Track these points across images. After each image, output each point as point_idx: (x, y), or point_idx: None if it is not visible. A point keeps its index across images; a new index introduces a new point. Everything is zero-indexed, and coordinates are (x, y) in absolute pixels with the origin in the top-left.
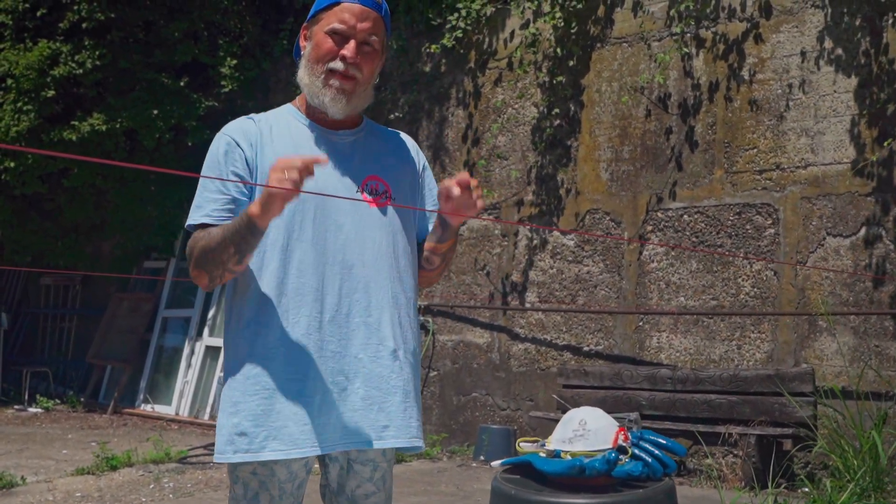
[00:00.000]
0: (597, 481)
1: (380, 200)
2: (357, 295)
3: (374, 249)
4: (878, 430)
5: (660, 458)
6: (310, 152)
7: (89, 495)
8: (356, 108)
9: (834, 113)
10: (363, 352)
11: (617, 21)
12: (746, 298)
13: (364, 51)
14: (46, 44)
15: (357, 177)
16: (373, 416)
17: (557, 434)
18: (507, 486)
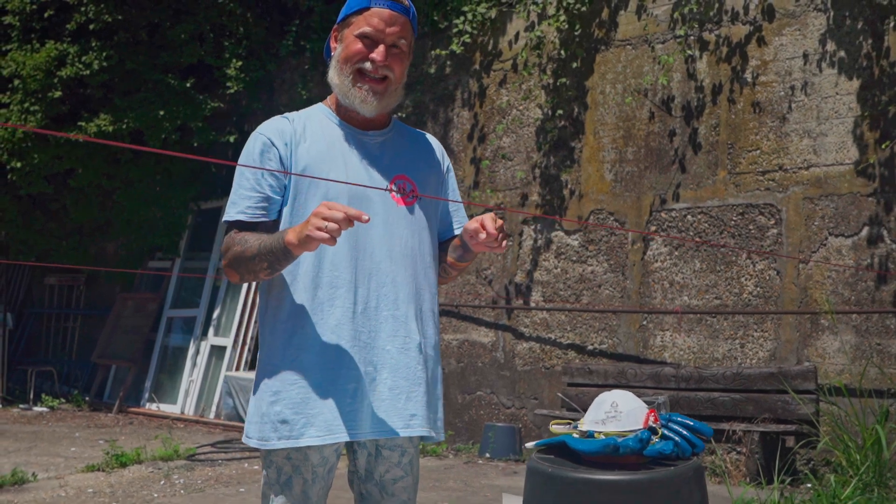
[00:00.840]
0: (629, 459)
1: (407, 199)
2: (385, 289)
3: (402, 246)
4: (882, 424)
5: (688, 438)
6: (340, 152)
7: (101, 491)
8: (387, 107)
9: (836, 115)
10: (391, 343)
11: (620, 24)
12: (749, 297)
13: (393, 53)
14: (53, 45)
15: (386, 176)
16: (400, 405)
17: (590, 416)
18: (543, 464)
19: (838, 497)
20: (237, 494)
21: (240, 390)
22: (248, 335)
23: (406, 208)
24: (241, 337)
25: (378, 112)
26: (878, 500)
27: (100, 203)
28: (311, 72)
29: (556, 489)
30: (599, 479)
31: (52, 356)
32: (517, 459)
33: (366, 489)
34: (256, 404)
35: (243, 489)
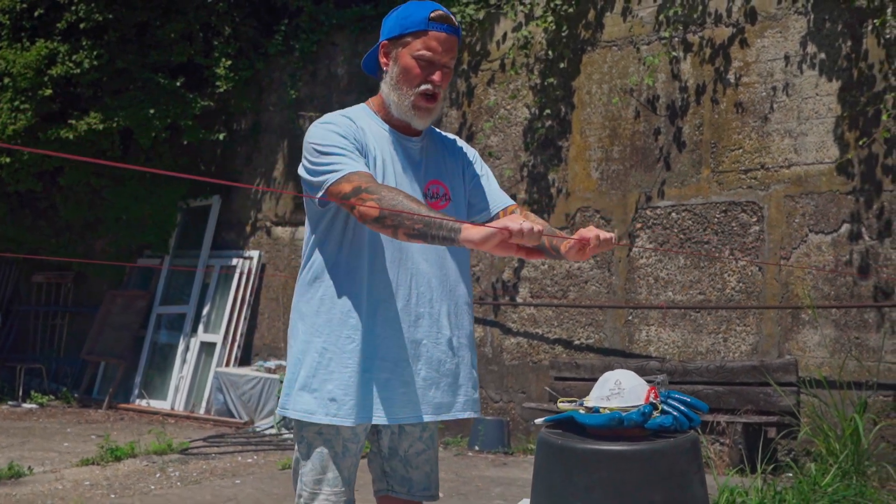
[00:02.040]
0: (632, 432)
1: (440, 203)
2: (422, 289)
3: (437, 249)
4: (860, 415)
5: (686, 413)
6: (390, 156)
7: (98, 484)
8: (434, 118)
9: (816, 115)
10: (426, 338)
11: (607, 25)
12: (732, 293)
13: (445, 73)
14: (44, 43)
15: (422, 180)
16: (430, 394)
17: (595, 393)
18: (553, 437)
19: (818, 484)
20: (234, 486)
21: (230, 386)
22: (238, 331)
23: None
24: (230, 333)
25: (426, 125)
26: (857, 488)
27: (89, 201)
28: (300, 71)
29: (565, 460)
30: (606, 450)
31: (41, 353)
32: (506, 452)
33: (390, 466)
34: (305, 380)
35: (238, 481)
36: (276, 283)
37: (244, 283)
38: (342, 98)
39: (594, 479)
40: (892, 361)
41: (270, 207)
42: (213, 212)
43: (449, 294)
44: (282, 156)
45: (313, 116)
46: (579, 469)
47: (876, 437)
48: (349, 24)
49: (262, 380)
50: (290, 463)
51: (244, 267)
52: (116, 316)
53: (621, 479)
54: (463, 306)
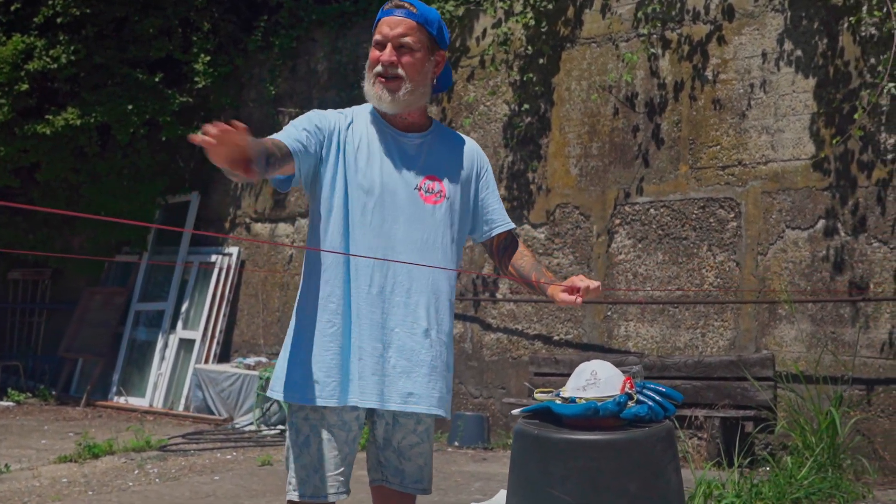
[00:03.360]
0: (608, 422)
1: (434, 198)
2: (400, 278)
3: (423, 240)
4: (836, 409)
5: (660, 402)
6: (381, 149)
7: (75, 481)
8: (408, 104)
9: (793, 112)
10: (399, 326)
11: (586, 22)
12: (710, 288)
13: (401, 52)
14: (20, 38)
15: (418, 175)
16: (401, 382)
17: (571, 383)
18: (530, 427)
19: (794, 477)
20: (212, 482)
21: (209, 383)
22: (217, 328)
23: (431, 206)
24: (209, 330)
25: (397, 110)
26: (833, 480)
27: (66, 197)
28: (280, 67)
29: (542, 449)
30: (582, 439)
31: (18, 351)
32: (485, 447)
33: (384, 456)
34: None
35: (217, 477)
36: (255, 280)
37: (223, 280)
38: (322, 94)
39: (570, 469)
40: (867, 356)
41: (250, 204)
42: (192, 208)
43: (430, 287)
44: None
45: (293, 112)
46: (555, 458)
47: (851, 430)
48: (329, 20)
49: (241, 377)
50: (269, 459)
51: (223, 263)
52: (94, 313)
53: (596, 468)
54: (444, 303)
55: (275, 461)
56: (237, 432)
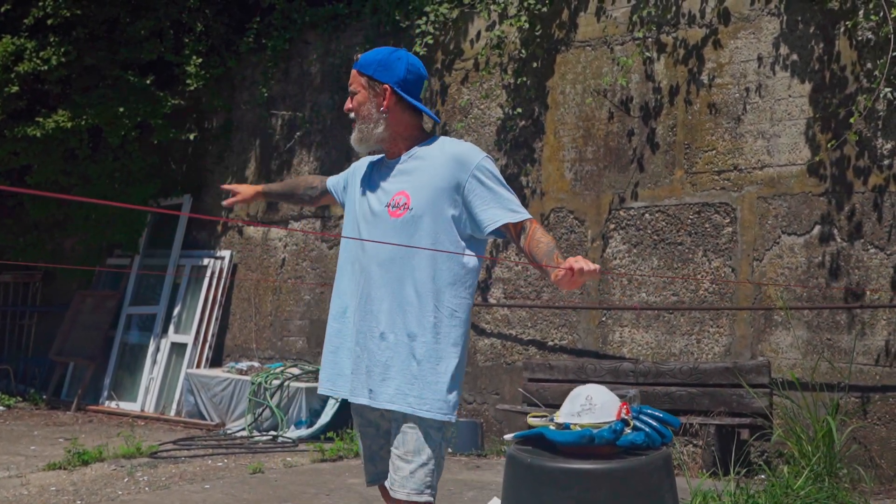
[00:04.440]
0: (603, 450)
1: (398, 211)
2: (368, 286)
3: (387, 251)
4: (832, 417)
5: (658, 429)
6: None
7: (64, 489)
8: (361, 140)
9: (789, 116)
10: (363, 331)
11: (581, 25)
12: (705, 294)
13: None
14: (10, 40)
15: (389, 193)
16: (363, 379)
17: (566, 409)
18: (522, 454)
19: (791, 487)
20: (202, 491)
21: (201, 387)
22: (209, 332)
23: (396, 220)
24: (201, 334)
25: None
26: (829, 490)
27: (57, 200)
28: (273, 69)
29: (535, 478)
30: (576, 469)
31: (8, 354)
32: (479, 454)
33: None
34: None
35: (208, 485)
36: (247, 284)
37: (215, 284)
38: (315, 96)
39: (563, 499)
40: (864, 363)
41: (242, 207)
42: (185, 211)
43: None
44: (254, 154)
45: (285, 115)
46: (548, 487)
47: (848, 438)
48: (322, 22)
49: (233, 381)
50: (260, 467)
51: (215, 267)
52: (86, 316)
53: (592, 498)
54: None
55: (266, 469)
56: (229, 438)
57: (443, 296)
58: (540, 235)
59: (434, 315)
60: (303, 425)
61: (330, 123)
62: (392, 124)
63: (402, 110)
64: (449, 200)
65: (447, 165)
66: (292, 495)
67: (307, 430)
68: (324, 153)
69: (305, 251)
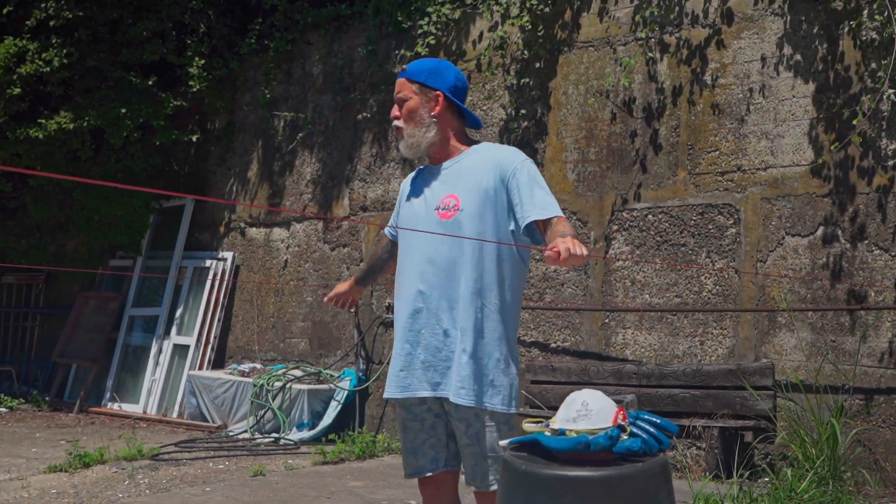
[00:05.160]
0: (599, 456)
1: (448, 213)
2: (424, 286)
3: (437, 251)
4: (836, 419)
5: (655, 435)
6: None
7: (64, 492)
8: (412, 146)
9: (793, 117)
10: (425, 328)
11: (583, 25)
12: (709, 296)
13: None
14: (13, 41)
15: (438, 196)
16: (429, 374)
17: (561, 414)
18: (517, 461)
19: (794, 490)
20: (203, 494)
21: (203, 389)
22: (212, 334)
23: (446, 221)
24: (203, 336)
25: (410, 152)
26: (833, 493)
27: (59, 201)
28: (275, 70)
29: (529, 485)
30: (571, 476)
31: (11, 356)
32: None
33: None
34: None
35: (209, 488)
36: (250, 285)
37: (218, 285)
38: (317, 98)
39: None
40: (868, 365)
41: (245, 208)
42: (187, 212)
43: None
44: (256, 156)
45: (288, 116)
46: (543, 495)
47: (852, 441)
48: (324, 23)
49: (235, 383)
50: (262, 469)
51: (218, 268)
52: (88, 317)
53: None
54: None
55: (267, 471)
56: (231, 440)
57: (489, 291)
58: (559, 224)
59: (486, 308)
60: (305, 427)
61: (332, 124)
62: (442, 129)
63: (451, 116)
64: (495, 202)
65: (492, 169)
66: (293, 498)
67: (309, 432)
68: (326, 154)
69: (308, 253)
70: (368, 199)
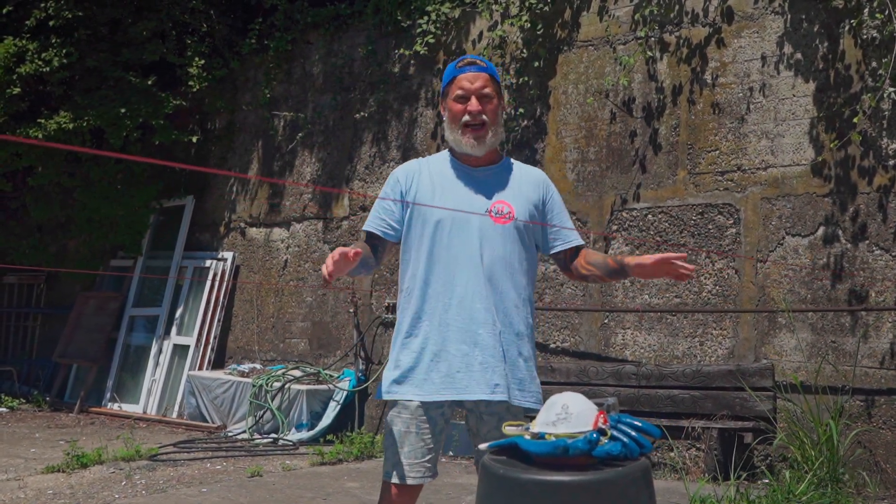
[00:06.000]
0: (579, 460)
1: (503, 219)
2: (478, 287)
3: (492, 255)
4: (835, 421)
5: (636, 439)
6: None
7: (61, 493)
8: (492, 145)
9: (793, 116)
10: (482, 328)
11: (583, 24)
12: (708, 296)
13: (483, 101)
14: (12, 41)
15: (488, 199)
16: (488, 376)
17: (541, 418)
18: (495, 465)
19: (793, 492)
20: (199, 494)
21: (203, 389)
22: (211, 334)
23: (501, 226)
24: (203, 336)
25: (484, 152)
26: (832, 495)
27: (60, 201)
28: (275, 70)
29: (508, 490)
30: (549, 480)
31: (12, 356)
32: None
33: (474, 444)
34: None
35: (205, 489)
36: (250, 286)
37: (218, 285)
38: (317, 97)
39: None
40: (869, 366)
41: (245, 208)
42: (187, 212)
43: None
44: (256, 156)
45: (288, 116)
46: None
47: (852, 442)
48: (324, 23)
49: (234, 383)
50: (259, 470)
51: (218, 268)
52: (89, 317)
53: None
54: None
55: (265, 472)
56: (229, 441)
57: (531, 301)
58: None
59: (529, 317)
60: (304, 428)
61: (332, 124)
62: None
63: None
64: (536, 217)
65: (535, 186)
66: (289, 499)
67: (308, 432)
68: (326, 154)
69: (307, 253)
70: (368, 198)
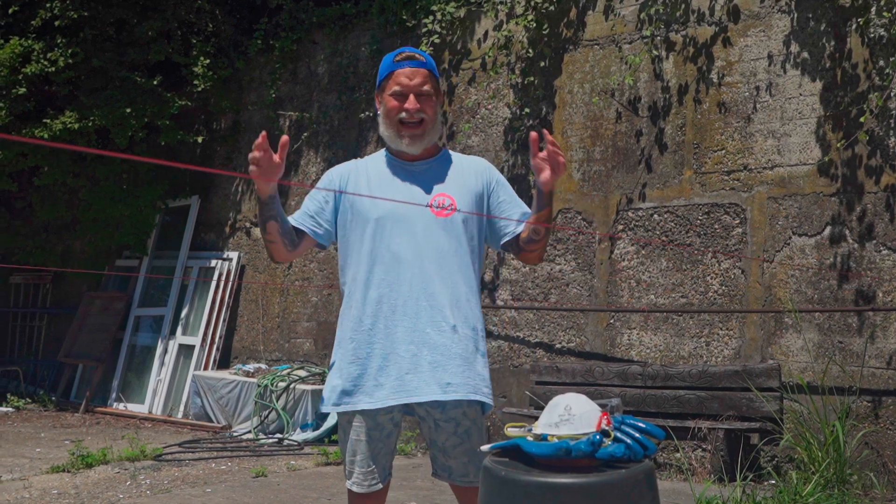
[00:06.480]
0: (581, 462)
1: (445, 211)
2: (424, 284)
3: (437, 249)
4: (842, 422)
5: (640, 440)
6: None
7: (66, 493)
8: (429, 142)
9: (799, 115)
10: (430, 327)
11: (588, 24)
12: (715, 296)
13: (421, 98)
14: (18, 41)
15: (427, 193)
16: (438, 375)
17: (544, 419)
18: (497, 467)
19: (799, 494)
20: (203, 495)
21: (208, 390)
22: (217, 334)
23: (443, 219)
24: (209, 336)
25: (422, 149)
26: (839, 496)
27: (66, 201)
28: (280, 70)
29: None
30: (551, 483)
31: (18, 356)
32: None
33: (432, 453)
34: (329, 378)
35: (210, 489)
36: (255, 285)
37: (223, 285)
38: (322, 97)
39: None
40: (876, 366)
41: (250, 208)
42: (192, 212)
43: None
44: None
45: (293, 115)
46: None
47: (859, 443)
48: (330, 23)
49: (239, 383)
50: (263, 471)
51: (223, 268)
52: (94, 317)
53: None
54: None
55: (269, 472)
56: (234, 441)
57: (478, 294)
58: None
59: (479, 310)
60: (309, 428)
61: (337, 124)
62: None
63: None
64: (481, 207)
65: (477, 175)
66: (294, 499)
67: (313, 432)
68: (331, 154)
69: (313, 252)
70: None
